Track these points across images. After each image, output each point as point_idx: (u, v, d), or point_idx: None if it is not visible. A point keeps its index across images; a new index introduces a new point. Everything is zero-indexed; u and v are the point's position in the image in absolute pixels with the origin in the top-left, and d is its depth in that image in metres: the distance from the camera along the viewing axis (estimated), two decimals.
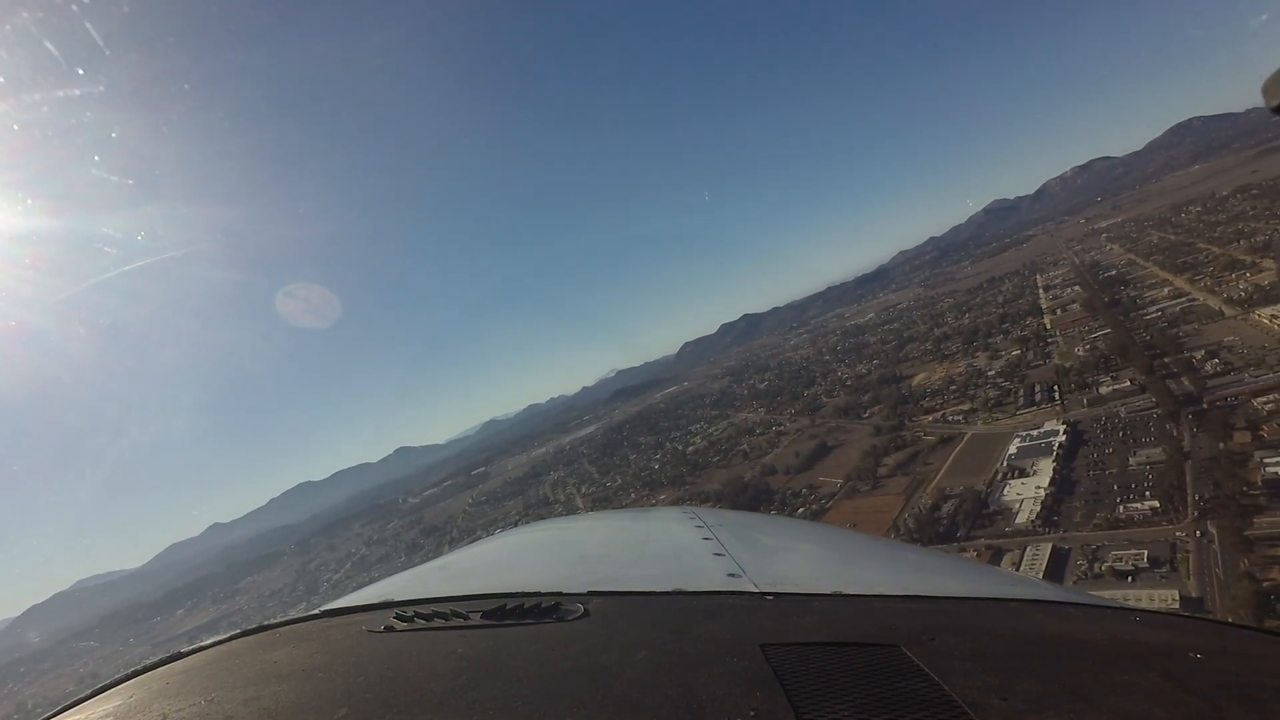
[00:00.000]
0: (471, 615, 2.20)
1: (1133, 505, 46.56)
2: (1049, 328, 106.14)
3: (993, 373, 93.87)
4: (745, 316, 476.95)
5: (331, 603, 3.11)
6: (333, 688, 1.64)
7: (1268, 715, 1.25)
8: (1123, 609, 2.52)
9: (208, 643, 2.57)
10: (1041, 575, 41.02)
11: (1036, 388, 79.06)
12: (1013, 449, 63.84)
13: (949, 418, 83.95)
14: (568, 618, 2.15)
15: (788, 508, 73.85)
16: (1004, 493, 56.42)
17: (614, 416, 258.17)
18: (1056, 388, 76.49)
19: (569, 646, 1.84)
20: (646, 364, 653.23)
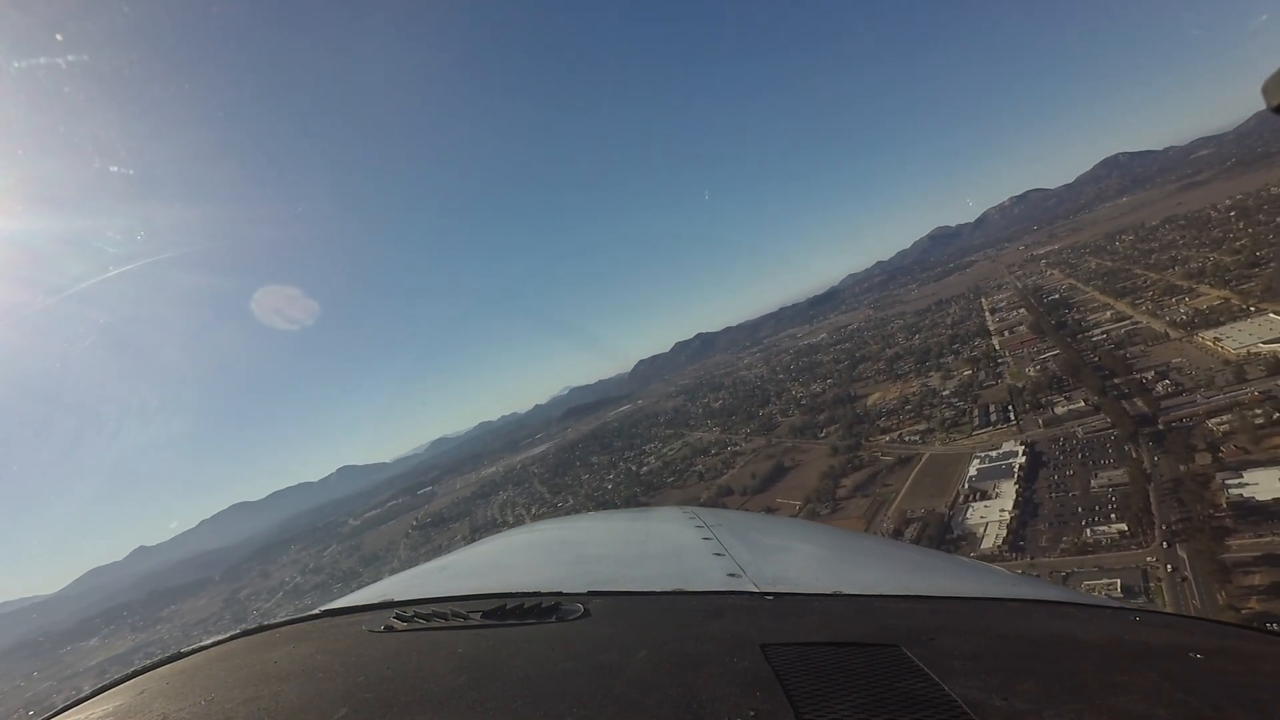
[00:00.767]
0: (471, 615, 2.21)
1: (1099, 528, 45.31)
2: (998, 348, 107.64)
3: (947, 392, 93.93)
4: (699, 335, 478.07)
5: (331, 603, 3.13)
6: (333, 688, 1.64)
7: (1268, 715, 1.25)
8: (1123, 609, 2.53)
9: (208, 643, 2.59)
10: None
11: (991, 408, 78.91)
12: (973, 470, 62.67)
13: (906, 437, 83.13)
14: (568, 618, 2.15)
15: None
16: (967, 515, 54.82)
17: (567, 435, 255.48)
18: (1011, 408, 76.41)
19: (569, 646, 1.84)
20: (600, 381, 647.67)
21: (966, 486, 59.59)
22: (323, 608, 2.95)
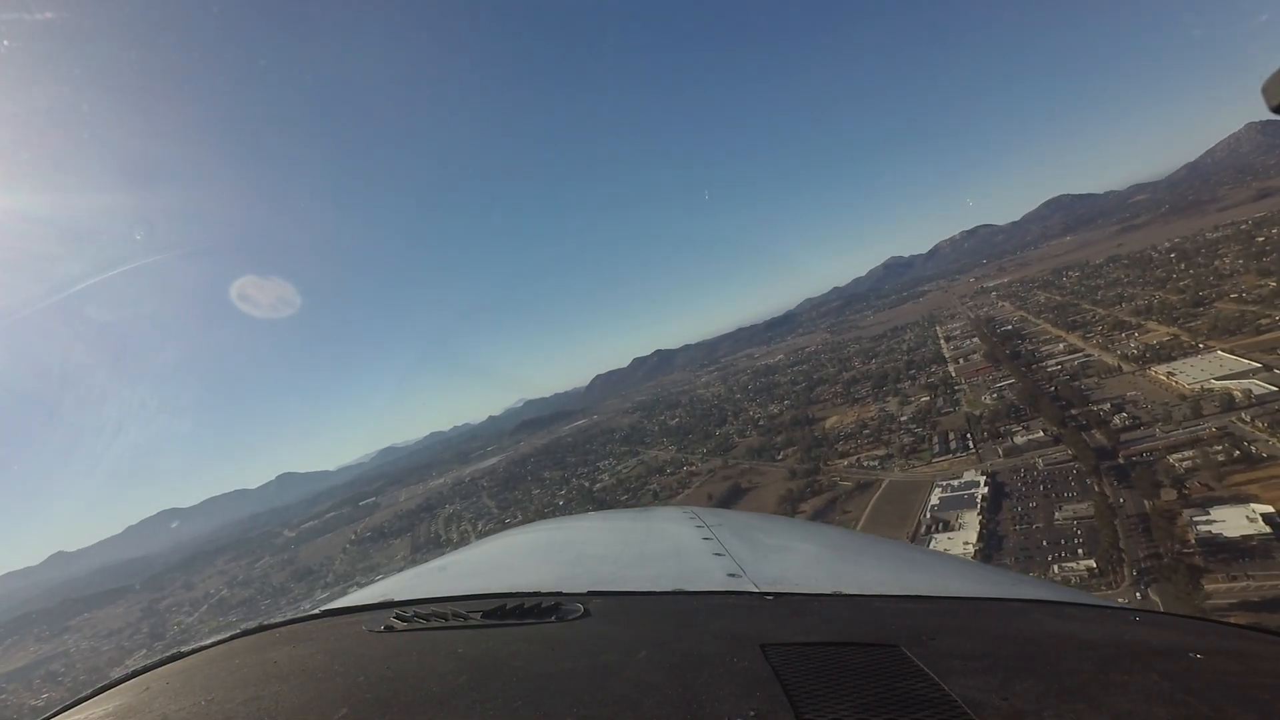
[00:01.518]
0: (471, 615, 2.20)
1: (1067, 564, 43.82)
2: (954, 375, 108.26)
3: (905, 418, 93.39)
4: (658, 352, 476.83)
5: (331, 603, 3.14)
6: (333, 688, 1.64)
7: (1268, 715, 1.26)
8: (1123, 609, 2.54)
9: (208, 643, 2.59)
10: None
11: (950, 435, 78.26)
12: (934, 499, 61.13)
13: (864, 462, 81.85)
14: (568, 618, 2.14)
15: None
16: (930, 547, 52.93)
17: (519, 448, 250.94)
18: (970, 436, 75.83)
19: (569, 646, 1.84)
20: (556, 395, 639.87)
21: (929, 516, 57.92)
22: (323, 608, 2.93)
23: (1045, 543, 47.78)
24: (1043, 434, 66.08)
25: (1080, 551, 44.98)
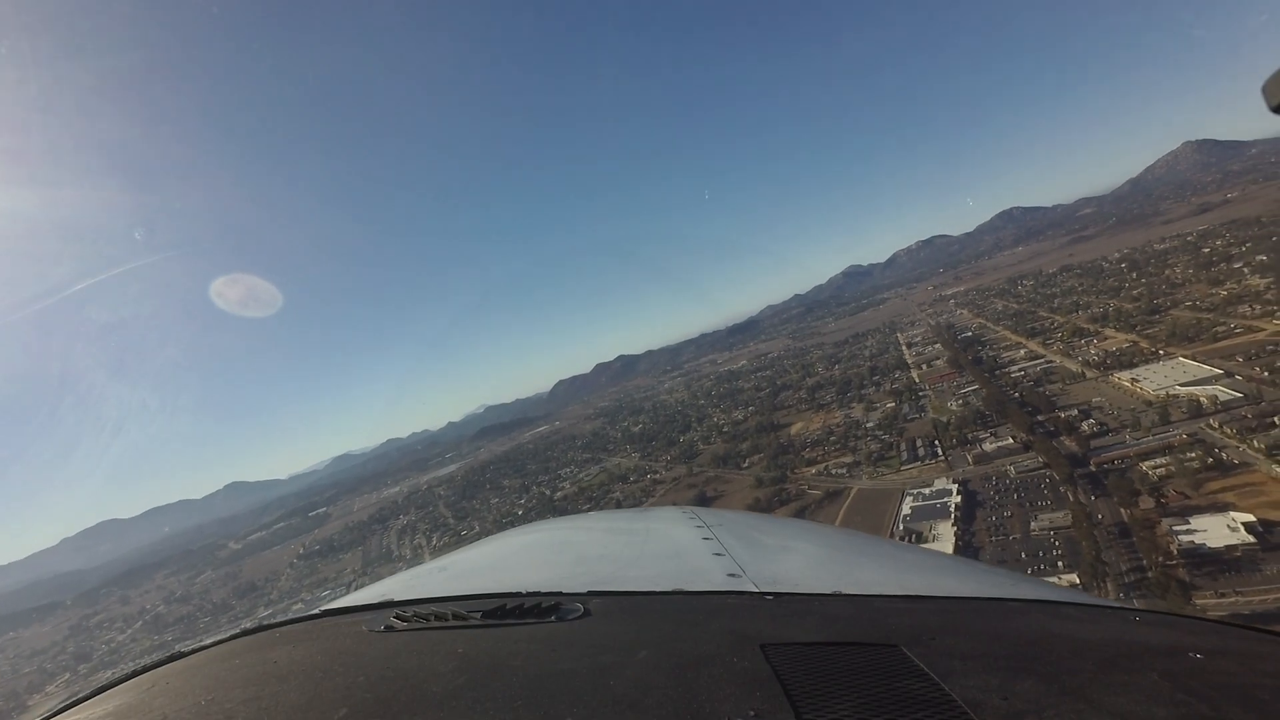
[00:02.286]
0: (471, 615, 2.20)
1: (1048, 578, 41.97)
2: (918, 381, 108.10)
3: (871, 424, 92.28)
4: (621, 357, 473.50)
5: (331, 602, 3.14)
6: (333, 688, 1.64)
7: (1268, 715, 1.26)
8: (1123, 609, 2.54)
9: (208, 642, 2.59)
10: None
11: (918, 442, 77.06)
12: (906, 509, 59.31)
13: (832, 470, 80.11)
14: (568, 618, 2.14)
15: None
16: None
17: (479, 455, 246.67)
18: (938, 442, 74.72)
19: (569, 646, 1.84)
20: (518, 400, 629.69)
21: (901, 527, 55.97)
22: (323, 608, 2.91)
23: (1024, 554, 46.09)
24: (1012, 441, 65.15)
25: (1060, 564, 43.37)
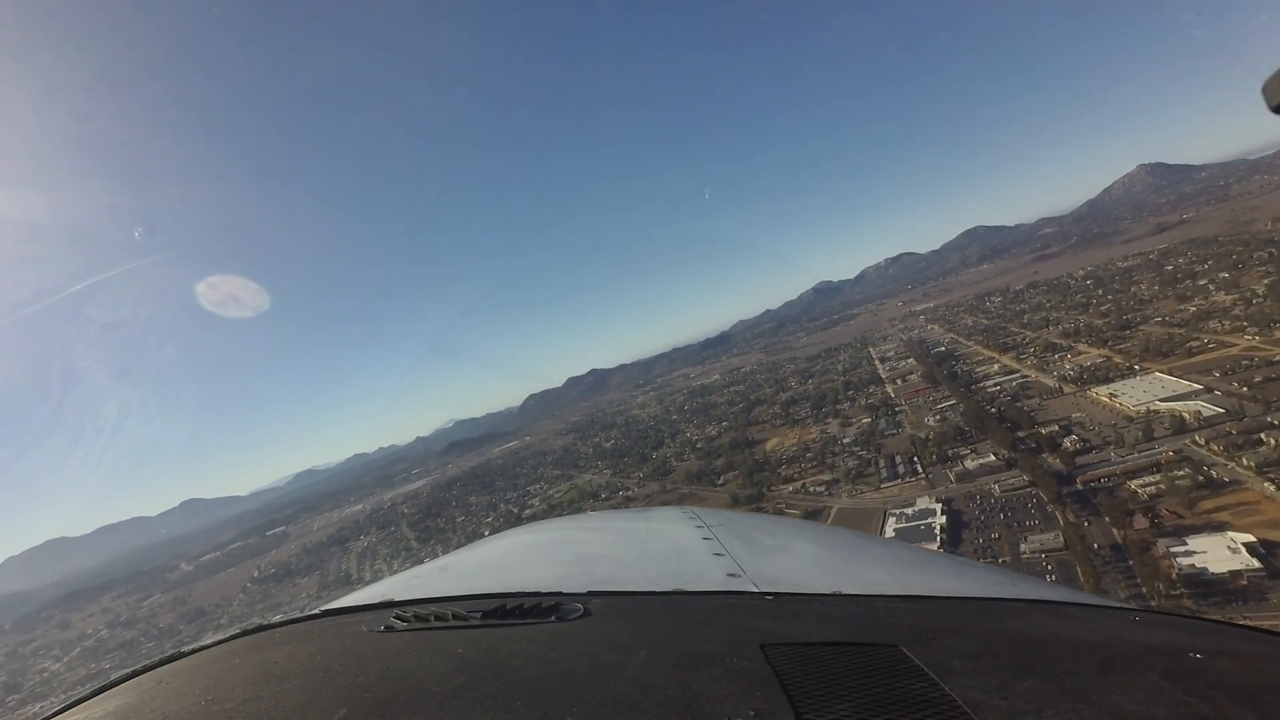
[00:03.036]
0: (471, 615, 2.20)
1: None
2: (894, 396, 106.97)
3: (848, 440, 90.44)
4: (593, 371, 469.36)
5: (331, 603, 3.16)
6: (333, 688, 1.64)
7: (1268, 715, 1.26)
8: (1123, 609, 2.57)
9: (208, 642, 2.60)
10: None
11: (897, 458, 75.21)
12: (890, 530, 56.98)
13: (810, 487, 77.72)
14: (568, 618, 2.15)
15: None
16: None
17: (447, 471, 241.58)
18: (917, 459, 72.94)
19: (569, 646, 1.85)
20: (488, 415, 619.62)
21: None
22: (323, 608, 2.91)
23: None
24: (994, 458, 63.54)
25: None
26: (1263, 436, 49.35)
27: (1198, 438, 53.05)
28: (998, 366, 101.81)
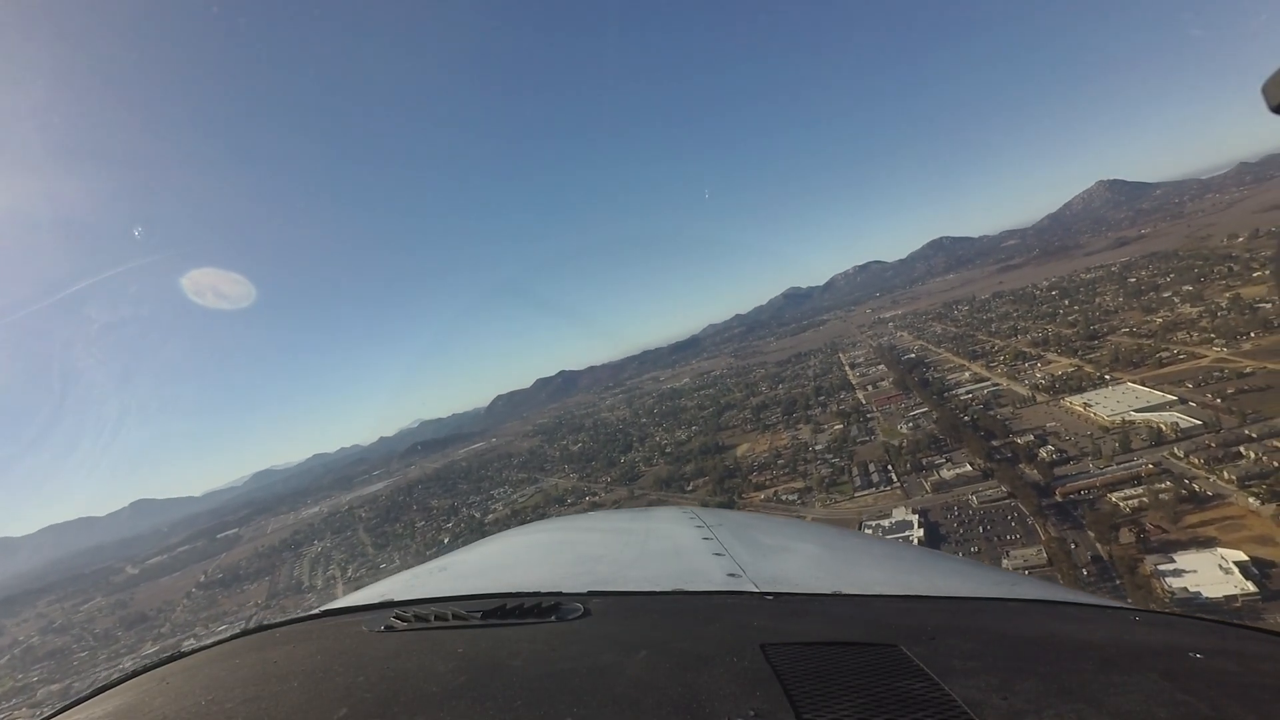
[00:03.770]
0: (471, 615, 2.20)
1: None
2: (865, 402, 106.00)
3: (820, 447, 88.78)
4: (562, 372, 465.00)
5: (331, 603, 3.17)
6: (333, 688, 1.64)
7: (1268, 715, 1.27)
8: (1123, 609, 2.58)
9: (208, 643, 2.62)
10: None
11: (871, 467, 73.54)
12: None
13: (783, 495, 75.55)
14: (568, 617, 2.15)
15: None
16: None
17: (409, 473, 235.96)
18: (891, 468, 71.39)
19: (569, 646, 1.85)
20: (455, 415, 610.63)
21: None
22: (323, 608, 2.92)
23: None
24: (970, 467, 62.15)
25: None
26: (1242, 449, 48.76)
27: (1176, 450, 52.32)
28: (969, 374, 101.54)
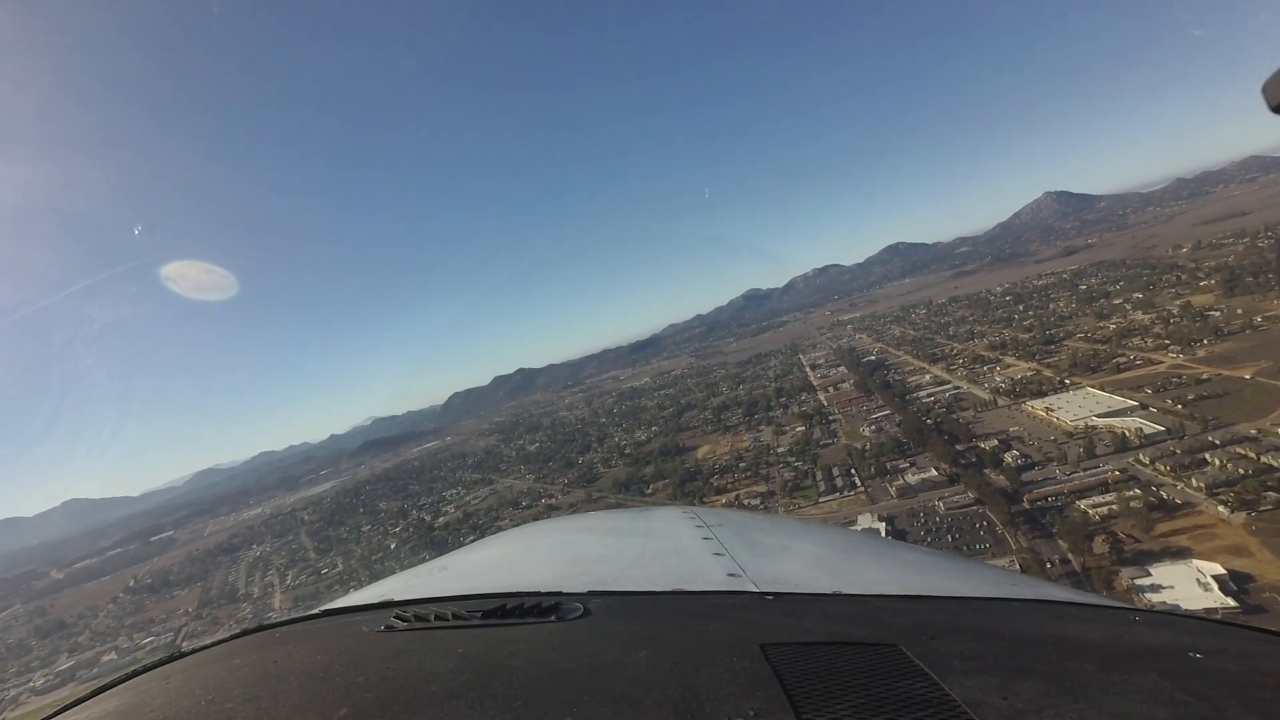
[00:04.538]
0: (471, 615, 2.21)
1: None
2: (826, 404, 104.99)
3: (782, 449, 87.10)
4: (521, 370, 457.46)
5: (331, 602, 3.18)
6: (333, 688, 1.65)
7: (1268, 715, 1.27)
8: (1123, 609, 2.60)
9: (208, 643, 2.63)
10: None
11: (834, 471, 71.83)
12: None
13: (745, 500, 73.20)
14: (568, 617, 2.16)
15: None
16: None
17: (359, 472, 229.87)
18: (855, 472, 69.83)
19: (569, 646, 1.85)
20: (409, 413, 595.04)
21: None
22: (323, 608, 2.92)
23: None
24: (935, 473, 60.88)
25: None
26: (1207, 456, 48.40)
27: (1142, 456, 51.92)
28: (929, 377, 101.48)
